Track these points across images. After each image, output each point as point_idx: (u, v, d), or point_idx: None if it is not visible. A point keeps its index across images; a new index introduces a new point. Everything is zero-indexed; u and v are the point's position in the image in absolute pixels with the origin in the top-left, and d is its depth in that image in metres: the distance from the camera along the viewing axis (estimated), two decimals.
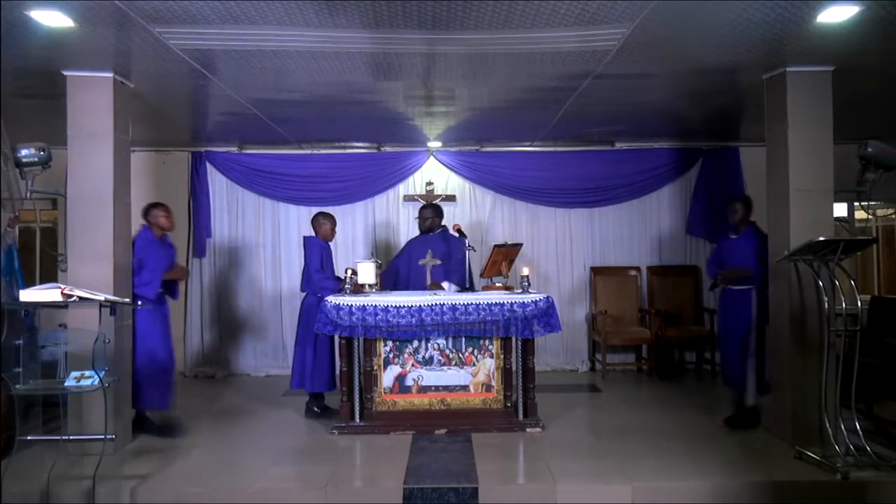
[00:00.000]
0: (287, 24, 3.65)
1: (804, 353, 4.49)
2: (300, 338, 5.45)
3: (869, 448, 4.07)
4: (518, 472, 4.29)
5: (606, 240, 7.56)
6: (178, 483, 3.98)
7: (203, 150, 7.36)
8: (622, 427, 5.08)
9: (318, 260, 5.34)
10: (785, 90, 4.56)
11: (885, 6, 3.47)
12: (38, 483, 3.70)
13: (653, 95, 5.38)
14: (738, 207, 5.11)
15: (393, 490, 3.83)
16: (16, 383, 3.49)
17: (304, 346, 5.39)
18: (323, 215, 5.60)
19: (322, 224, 5.53)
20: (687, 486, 3.88)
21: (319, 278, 5.30)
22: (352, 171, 7.40)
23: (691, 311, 7.39)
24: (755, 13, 3.55)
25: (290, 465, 4.30)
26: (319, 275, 5.31)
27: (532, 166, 7.43)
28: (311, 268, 5.33)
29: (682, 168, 7.51)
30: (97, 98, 4.52)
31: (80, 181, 4.51)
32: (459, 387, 4.99)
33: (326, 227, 5.52)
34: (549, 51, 4.13)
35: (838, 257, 4.11)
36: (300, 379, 5.40)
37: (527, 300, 4.89)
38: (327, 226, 5.53)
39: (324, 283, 5.28)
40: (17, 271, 5.37)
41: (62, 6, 3.37)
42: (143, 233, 4.94)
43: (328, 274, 5.39)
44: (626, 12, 3.52)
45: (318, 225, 5.54)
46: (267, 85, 4.90)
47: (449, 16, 3.56)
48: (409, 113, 5.93)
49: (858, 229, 7.30)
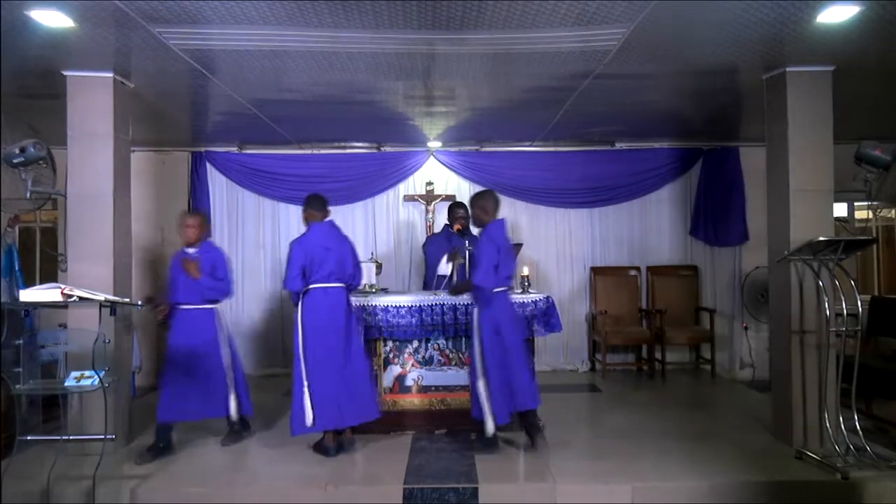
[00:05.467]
0: (287, 24, 3.65)
1: (804, 353, 4.49)
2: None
3: (869, 448, 4.08)
4: (518, 472, 4.29)
5: (606, 240, 7.56)
6: (178, 483, 3.99)
7: (203, 150, 7.36)
8: (622, 427, 5.08)
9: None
10: (785, 90, 4.56)
11: (885, 6, 3.47)
12: (38, 483, 3.70)
13: (653, 95, 5.38)
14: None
15: (393, 490, 3.83)
16: (16, 383, 3.49)
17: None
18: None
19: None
20: (687, 486, 3.88)
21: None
22: (352, 171, 7.39)
23: (691, 311, 7.39)
24: (755, 13, 3.55)
25: (289, 465, 4.29)
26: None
27: (532, 166, 7.43)
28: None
29: (682, 168, 7.51)
30: (97, 98, 4.53)
31: (80, 181, 4.51)
32: (459, 387, 4.98)
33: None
34: (549, 51, 4.13)
35: (838, 257, 4.11)
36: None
37: (527, 300, 4.89)
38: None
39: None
40: (17, 271, 5.38)
41: (62, 6, 3.38)
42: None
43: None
44: (626, 12, 3.52)
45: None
46: (267, 85, 4.90)
47: (449, 16, 3.56)
48: (409, 113, 5.93)
49: (858, 229, 7.33)
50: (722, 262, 7.46)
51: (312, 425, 4.36)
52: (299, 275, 4.43)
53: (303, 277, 4.45)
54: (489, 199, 4.60)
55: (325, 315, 4.44)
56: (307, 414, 4.34)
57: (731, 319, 7.37)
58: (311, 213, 4.63)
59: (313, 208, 4.64)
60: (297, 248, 4.47)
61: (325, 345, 4.41)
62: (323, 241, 4.49)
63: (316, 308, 4.44)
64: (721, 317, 7.33)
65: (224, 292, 4.77)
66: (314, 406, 4.35)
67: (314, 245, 4.48)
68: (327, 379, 4.39)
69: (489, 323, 4.41)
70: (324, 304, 4.45)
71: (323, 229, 4.56)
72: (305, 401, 4.35)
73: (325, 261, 4.45)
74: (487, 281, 4.34)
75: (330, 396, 4.38)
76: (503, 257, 4.43)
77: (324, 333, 4.42)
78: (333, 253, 4.49)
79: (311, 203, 4.65)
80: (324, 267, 4.44)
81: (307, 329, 4.44)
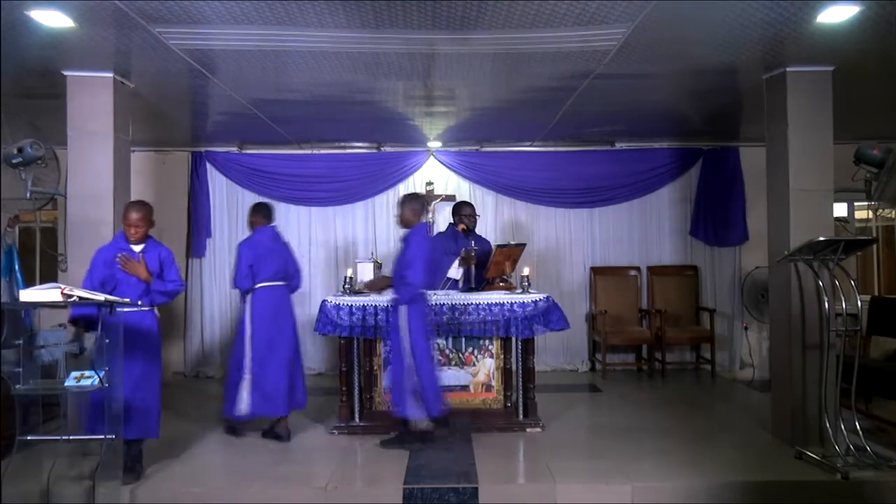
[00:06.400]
0: (287, 24, 3.65)
1: (804, 353, 4.49)
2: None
3: (869, 448, 4.07)
4: (518, 472, 4.29)
5: (606, 240, 7.56)
6: (178, 483, 3.98)
7: (203, 150, 7.36)
8: (622, 427, 5.07)
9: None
10: (785, 90, 4.56)
11: (885, 6, 3.47)
12: (38, 483, 3.70)
13: (653, 95, 5.38)
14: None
15: (393, 490, 3.83)
16: (16, 383, 3.48)
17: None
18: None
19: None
20: (687, 486, 3.87)
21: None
22: (352, 171, 7.39)
23: (691, 311, 7.39)
24: (755, 13, 3.55)
25: (290, 465, 4.29)
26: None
27: (532, 166, 7.43)
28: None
29: (682, 168, 7.51)
30: (97, 98, 4.53)
31: (80, 181, 4.52)
32: (459, 387, 4.98)
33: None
34: (549, 51, 4.13)
35: (838, 257, 4.11)
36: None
37: (527, 300, 4.89)
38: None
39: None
40: (18, 271, 5.37)
41: (62, 6, 3.38)
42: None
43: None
44: (626, 12, 3.52)
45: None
46: (267, 85, 4.90)
47: (449, 16, 3.56)
48: (409, 113, 5.93)
49: (858, 229, 7.33)
50: (722, 262, 7.46)
51: (247, 412, 4.71)
52: (248, 274, 4.79)
53: (250, 277, 4.79)
54: (419, 201, 4.73)
55: (271, 311, 4.81)
56: (243, 400, 4.70)
57: (731, 319, 7.37)
58: (258, 219, 5.02)
59: (261, 215, 5.04)
60: (246, 250, 4.86)
61: (270, 338, 4.76)
62: (268, 244, 4.91)
63: (263, 304, 4.80)
64: (721, 317, 7.33)
65: (175, 294, 4.33)
66: (252, 394, 4.71)
67: (261, 247, 4.87)
68: (270, 370, 4.72)
69: (417, 321, 4.47)
70: (270, 301, 4.82)
71: (268, 233, 4.97)
72: (244, 387, 4.71)
73: (271, 261, 4.85)
74: (419, 279, 4.43)
75: (271, 386, 4.72)
76: (430, 258, 4.59)
77: (269, 328, 4.78)
78: (278, 255, 4.92)
79: (259, 210, 5.07)
80: (270, 267, 4.83)
81: (255, 323, 4.78)
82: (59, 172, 4.83)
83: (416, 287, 4.44)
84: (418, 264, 4.42)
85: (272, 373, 4.72)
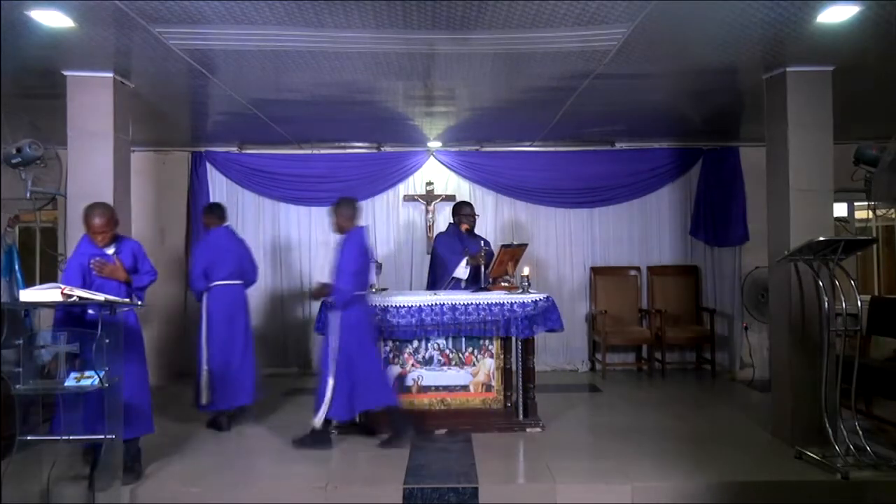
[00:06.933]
0: (287, 24, 3.65)
1: (804, 353, 4.49)
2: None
3: (869, 448, 4.08)
4: (518, 472, 4.30)
5: (606, 240, 7.56)
6: (178, 483, 3.98)
7: (203, 150, 7.35)
8: (622, 427, 5.08)
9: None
10: (785, 90, 4.56)
11: (885, 6, 3.47)
12: (38, 483, 3.70)
13: (653, 95, 5.38)
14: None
15: (393, 490, 3.83)
16: (16, 383, 3.48)
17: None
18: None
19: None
20: (687, 486, 3.87)
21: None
22: (352, 171, 7.39)
23: (691, 311, 7.39)
24: (755, 13, 3.55)
25: (290, 465, 4.29)
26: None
27: (532, 166, 7.43)
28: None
29: (682, 168, 7.51)
30: (97, 98, 4.53)
31: (80, 181, 4.51)
32: (459, 387, 4.99)
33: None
34: (549, 51, 4.13)
35: (838, 257, 4.11)
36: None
37: (527, 300, 4.89)
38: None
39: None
40: (18, 271, 5.37)
41: (62, 6, 3.37)
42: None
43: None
44: (626, 12, 3.52)
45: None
46: (267, 85, 4.90)
47: (449, 16, 3.56)
48: (409, 113, 5.93)
49: (858, 229, 7.32)
50: (722, 262, 7.46)
51: (208, 404, 4.95)
52: (202, 275, 4.98)
53: (205, 277, 4.99)
54: (351, 206, 4.69)
55: (227, 309, 5.04)
56: (203, 394, 4.95)
57: (731, 319, 7.36)
58: (212, 219, 5.19)
59: (214, 215, 5.21)
60: (200, 252, 5.07)
61: (226, 335, 5.02)
62: (223, 244, 5.10)
63: (218, 303, 5.03)
64: (721, 317, 7.33)
65: (149, 283, 4.26)
66: (213, 389, 4.94)
67: (215, 248, 5.06)
68: (226, 365, 4.99)
69: (347, 325, 4.51)
70: (225, 299, 5.04)
71: (222, 233, 5.15)
72: (202, 384, 4.95)
73: (226, 261, 5.04)
74: (350, 285, 4.47)
75: (228, 381, 4.97)
76: (364, 262, 4.61)
77: (226, 325, 5.02)
78: (233, 254, 5.10)
79: (213, 210, 5.25)
80: (226, 267, 5.03)
81: (212, 321, 5.01)
82: (60, 172, 4.83)
83: (346, 293, 4.48)
84: (347, 272, 4.47)
85: (227, 369, 4.98)
